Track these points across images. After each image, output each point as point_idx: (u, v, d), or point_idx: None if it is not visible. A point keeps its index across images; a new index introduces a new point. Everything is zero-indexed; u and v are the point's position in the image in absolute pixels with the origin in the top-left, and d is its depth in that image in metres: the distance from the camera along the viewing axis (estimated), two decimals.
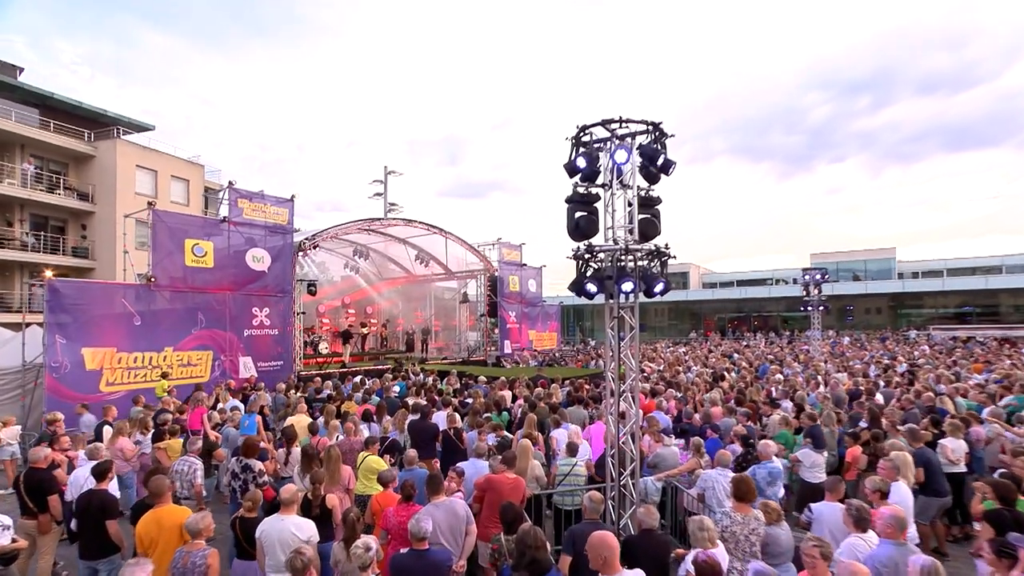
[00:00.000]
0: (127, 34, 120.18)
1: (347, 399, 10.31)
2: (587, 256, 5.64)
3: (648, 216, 5.75)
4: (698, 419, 8.54)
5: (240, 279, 14.19)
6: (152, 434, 7.82)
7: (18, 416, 10.00)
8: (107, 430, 8.11)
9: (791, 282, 42.99)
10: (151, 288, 12.44)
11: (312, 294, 17.12)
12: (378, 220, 19.45)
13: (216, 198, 21.95)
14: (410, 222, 19.88)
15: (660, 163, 5.57)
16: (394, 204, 20.89)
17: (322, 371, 16.46)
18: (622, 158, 5.49)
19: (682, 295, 48.60)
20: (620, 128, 5.60)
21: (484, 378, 13.79)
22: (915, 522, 5.45)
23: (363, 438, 6.98)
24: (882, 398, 10.44)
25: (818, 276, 21.59)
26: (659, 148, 5.59)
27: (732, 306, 49.20)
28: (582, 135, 5.71)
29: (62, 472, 6.16)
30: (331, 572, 4.40)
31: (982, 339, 26.32)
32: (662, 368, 16.71)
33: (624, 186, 5.68)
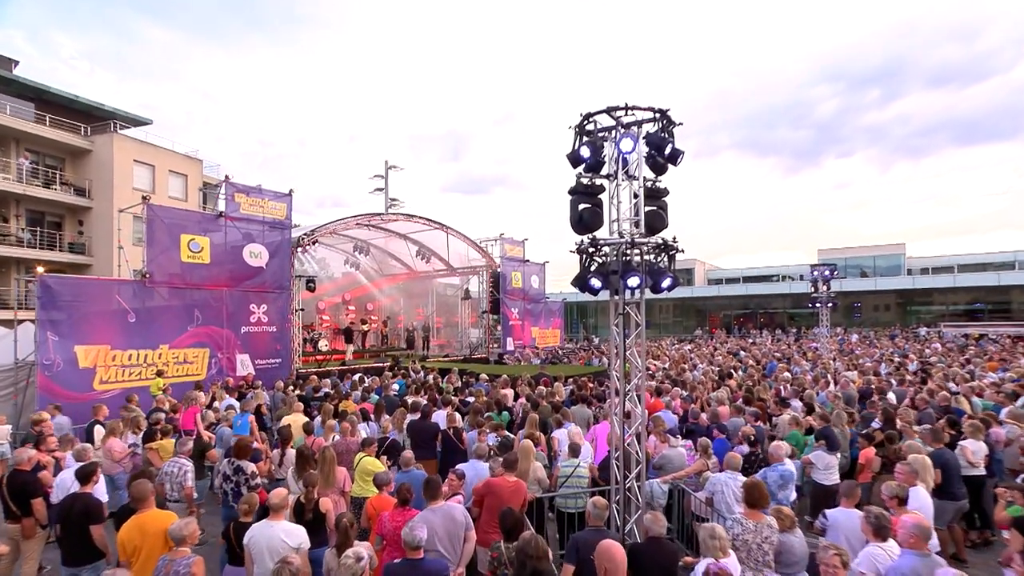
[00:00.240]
0: (126, 28, 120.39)
1: (345, 397, 10.10)
2: (591, 250, 5.39)
3: (655, 208, 5.46)
4: (705, 419, 8.29)
5: (237, 275, 14.00)
6: (143, 434, 7.64)
7: (9, 415, 9.80)
8: (98, 430, 7.93)
9: (798, 278, 42.48)
10: (146, 284, 12.24)
11: (311, 290, 16.92)
12: (379, 215, 19.23)
13: (215, 193, 21.77)
14: (411, 217, 19.67)
15: (668, 152, 5.30)
16: (395, 200, 20.66)
17: (321, 369, 16.27)
18: (628, 147, 5.22)
19: (687, 291, 48.12)
20: (626, 116, 5.33)
21: (486, 376, 13.59)
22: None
23: (360, 438, 6.78)
24: (894, 397, 10.18)
25: (827, 272, 21.29)
26: (666, 137, 5.32)
27: (738, 303, 48.75)
28: (586, 123, 5.43)
29: (48, 474, 5.97)
30: None
31: (995, 336, 25.87)
32: (667, 366, 16.45)
33: (630, 177, 5.41)
